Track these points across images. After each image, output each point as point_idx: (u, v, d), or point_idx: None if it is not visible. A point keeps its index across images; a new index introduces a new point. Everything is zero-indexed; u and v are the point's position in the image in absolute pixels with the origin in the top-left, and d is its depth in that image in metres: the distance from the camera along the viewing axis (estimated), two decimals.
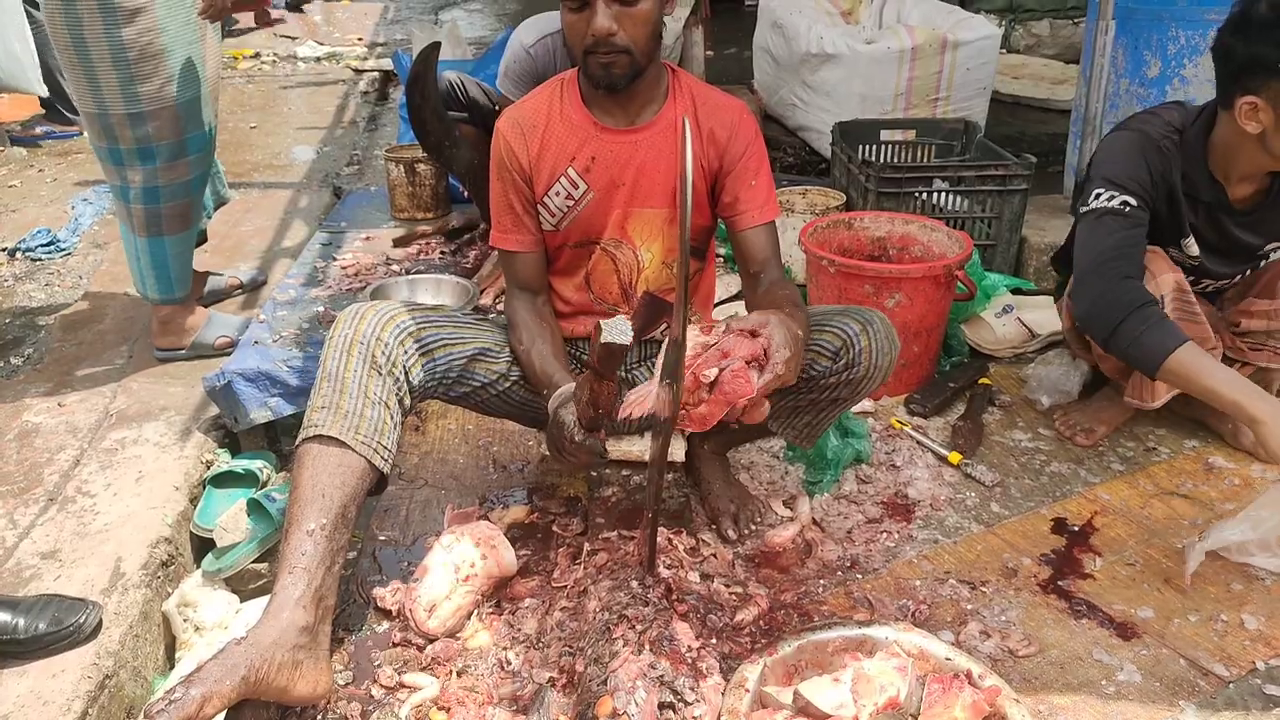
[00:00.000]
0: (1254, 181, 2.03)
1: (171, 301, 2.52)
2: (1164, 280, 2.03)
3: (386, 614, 1.76)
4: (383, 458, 1.59)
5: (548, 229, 1.83)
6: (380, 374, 1.61)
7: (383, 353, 1.62)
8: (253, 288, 3.01)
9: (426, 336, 1.70)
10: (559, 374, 1.70)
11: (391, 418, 1.62)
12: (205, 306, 2.73)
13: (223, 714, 1.35)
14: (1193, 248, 2.11)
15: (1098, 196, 2.00)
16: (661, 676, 1.40)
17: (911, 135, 3.39)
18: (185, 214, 2.43)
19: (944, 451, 2.25)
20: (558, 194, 1.78)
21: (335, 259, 3.13)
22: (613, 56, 1.62)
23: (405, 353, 1.66)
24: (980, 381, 2.57)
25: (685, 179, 1.29)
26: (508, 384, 1.82)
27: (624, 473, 2.18)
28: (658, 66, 1.74)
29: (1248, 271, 2.21)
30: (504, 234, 1.84)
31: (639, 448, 1.97)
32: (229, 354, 2.47)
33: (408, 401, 1.67)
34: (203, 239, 2.82)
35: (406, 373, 1.66)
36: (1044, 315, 2.77)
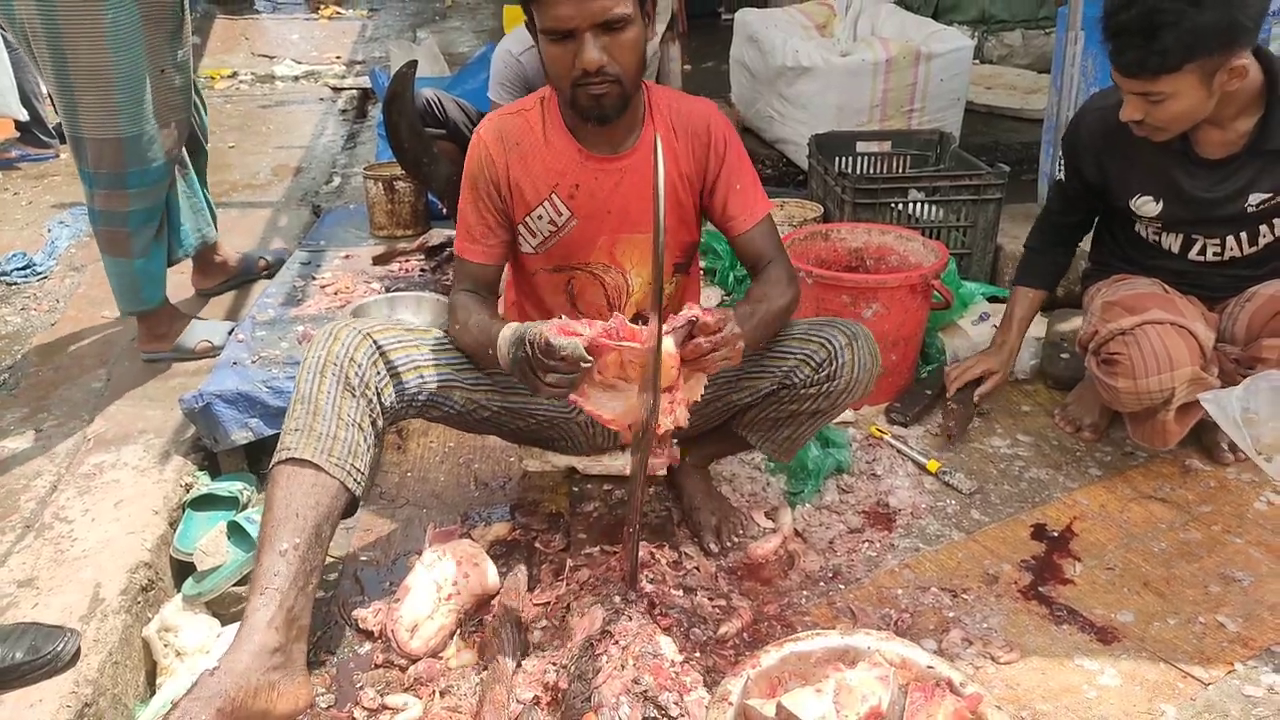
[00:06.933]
0: (1220, 127, 1.98)
1: (128, 313, 2.63)
2: (1180, 373, 2.02)
3: (368, 635, 1.75)
4: (355, 480, 1.59)
5: (527, 250, 1.82)
6: (354, 395, 1.60)
7: (356, 374, 1.61)
8: (279, 266, 3.17)
9: (397, 359, 1.68)
10: (499, 324, 1.62)
11: (365, 440, 1.61)
12: (235, 288, 3.11)
13: None
14: (1148, 208, 2.13)
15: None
16: (646, 692, 1.40)
17: (887, 146, 3.42)
18: (118, 242, 2.50)
19: (923, 460, 2.27)
20: (540, 218, 1.76)
21: (314, 278, 3.12)
22: (604, 87, 1.57)
23: (378, 374, 1.65)
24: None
25: (659, 197, 1.29)
26: (488, 394, 1.80)
27: (605, 487, 2.18)
28: (640, 90, 1.72)
29: (1244, 239, 2.10)
30: (472, 243, 1.79)
31: (620, 462, 1.98)
32: (214, 355, 2.57)
33: (380, 423, 1.65)
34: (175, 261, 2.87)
35: (379, 394, 1.65)
36: None
